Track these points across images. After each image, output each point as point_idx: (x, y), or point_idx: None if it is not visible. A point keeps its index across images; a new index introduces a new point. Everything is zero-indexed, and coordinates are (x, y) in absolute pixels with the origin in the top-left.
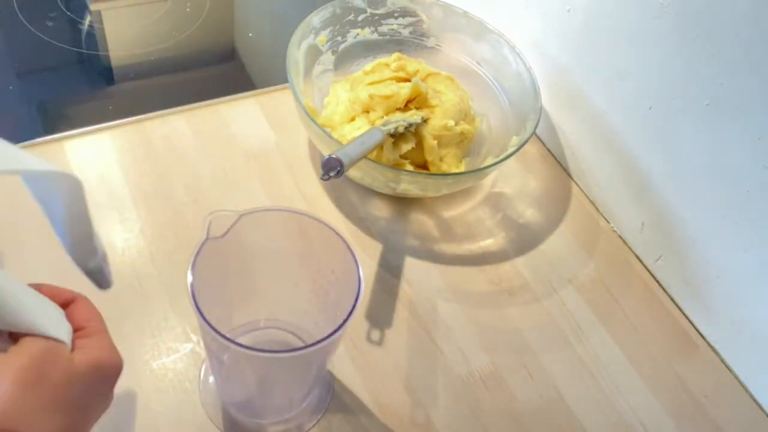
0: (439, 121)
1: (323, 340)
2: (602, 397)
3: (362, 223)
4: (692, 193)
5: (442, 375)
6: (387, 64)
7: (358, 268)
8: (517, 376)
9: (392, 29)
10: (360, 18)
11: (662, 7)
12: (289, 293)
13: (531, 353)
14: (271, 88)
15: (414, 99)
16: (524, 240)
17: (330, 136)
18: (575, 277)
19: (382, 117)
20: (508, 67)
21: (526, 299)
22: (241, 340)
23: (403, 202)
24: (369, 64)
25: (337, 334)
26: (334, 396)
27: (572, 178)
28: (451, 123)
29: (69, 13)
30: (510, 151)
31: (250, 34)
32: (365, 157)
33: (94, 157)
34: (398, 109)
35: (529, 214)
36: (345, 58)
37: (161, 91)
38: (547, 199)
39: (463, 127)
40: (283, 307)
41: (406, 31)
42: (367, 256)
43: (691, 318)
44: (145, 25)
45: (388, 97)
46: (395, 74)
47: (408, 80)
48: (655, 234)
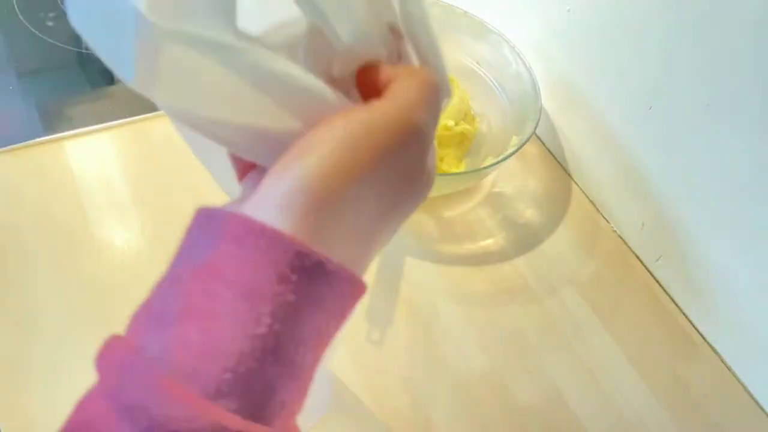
0: (439, 121)
1: None
2: (602, 397)
3: None
4: (692, 193)
5: (442, 375)
6: None
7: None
8: (517, 376)
9: None
10: None
11: (662, 7)
12: None
13: (531, 353)
14: None
15: None
16: (524, 240)
17: None
18: (575, 277)
19: None
20: (508, 67)
21: (526, 299)
22: None
23: None
24: None
25: None
26: (334, 396)
27: (572, 178)
28: (451, 123)
29: None
30: (510, 151)
31: None
32: None
33: (94, 157)
34: None
35: (529, 214)
36: None
37: None
38: (547, 199)
39: (463, 127)
40: None
41: None
42: None
43: (691, 318)
44: None
45: None
46: None
47: None
48: (655, 234)
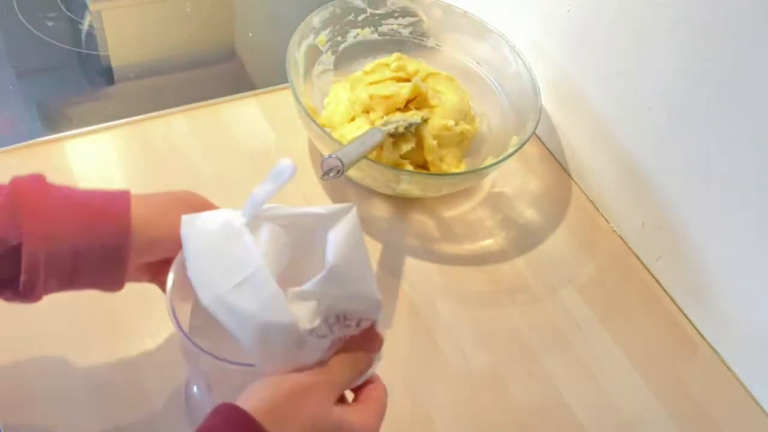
0: (439, 121)
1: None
2: (602, 397)
3: (362, 223)
4: (692, 193)
5: (442, 375)
6: (387, 64)
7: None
8: (517, 376)
9: (392, 29)
10: (360, 18)
11: (662, 7)
12: None
13: (531, 353)
14: (271, 88)
15: (414, 99)
16: (524, 240)
17: (330, 136)
18: (575, 277)
19: (382, 117)
20: (508, 67)
21: (526, 299)
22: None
23: (403, 202)
24: (369, 64)
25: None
26: None
27: (572, 178)
28: (451, 123)
29: (69, 13)
30: (510, 151)
31: (250, 34)
32: (365, 157)
33: (94, 157)
34: (398, 109)
35: (529, 214)
36: (345, 58)
37: (161, 91)
38: (547, 199)
39: (463, 127)
40: None
41: (406, 31)
42: None
43: (691, 318)
44: (145, 25)
45: (388, 97)
46: (395, 74)
47: (408, 80)
48: (655, 234)
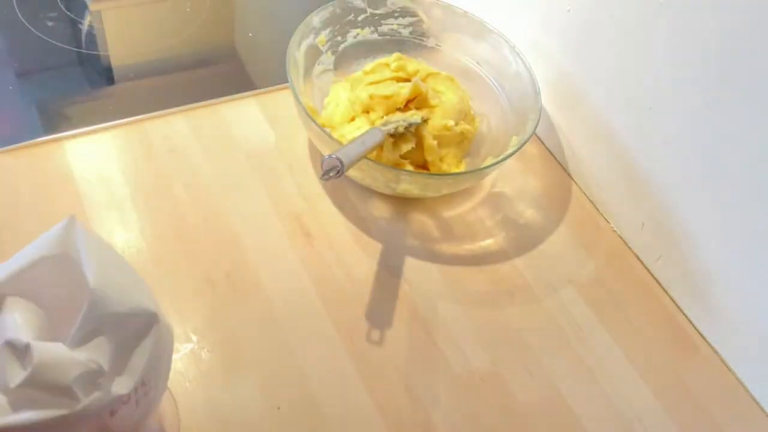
0: (439, 121)
1: None
2: (602, 397)
3: (362, 223)
4: (692, 193)
5: (442, 375)
6: (387, 64)
7: None
8: (517, 376)
9: (392, 29)
10: (360, 18)
11: (662, 7)
12: None
13: (531, 353)
14: (271, 88)
15: (414, 99)
16: (524, 240)
17: (330, 136)
18: (575, 277)
19: (382, 117)
20: (508, 67)
21: (526, 299)
22: None
23: (403, 202)
24: (369, 64)
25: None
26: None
27: (572, 178)
28: (451, 123)
29: (69, 13)
30: (510, 151)
31: (250, 34)
32: (365, 157)
33: (94, 157)
34: (398, 109)
35: (529, 214)
36: (345, 58)
37: (161, 91)
38: (547, 199)
39: (463, 127)
40: None
41: (406, 31)
42: (367, 256)
43: (691, 318)
44: (145, 25)
45: (388, 97)
46: (395, 74)
47: (408, 80)
48: (655, 234)
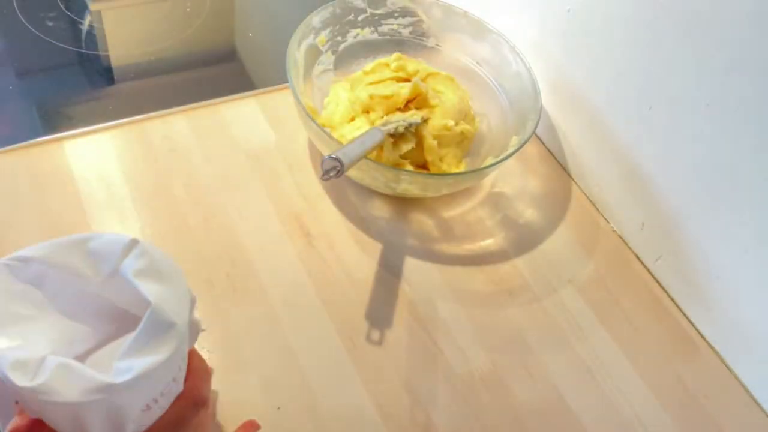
0: (439, 121)
1: None
2: (602, 397)
3: (362, 223)
4: (692, 193)
5: (442, 375)
6: (387, 64)
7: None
8: (517, 376)
9: (392, 29)
10: (360, 18)
11: (662, 7)
12: None
13: (531, 353)
14: (271, 88)
15: (414, 99)
16: (524, 240)
17: (330, 136)
18: (575, 277)
19: (382, 117)
20: (508, 67)
21: (526, 299)
22: None
23: (403, 202)
24: (369, 64)
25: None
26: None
27: (572, 178)
28: (451, 123)
29: (69, 13)
30: (510, 151)
31: (250, 34)
32: (365, 157)
33: (94, 157)
34: (398, 109)
35: (529, 214)
36: (345, 58)
37: (161, 91)
38: (547, 199)
39: (463, 127)
40: None
41: (406, 31)
42: (367, 256)
43: (691, 318)
44: (145, 25)
45: (388, 97)
46: (395, 74)
47: (408, 80)
48: (655, 234)
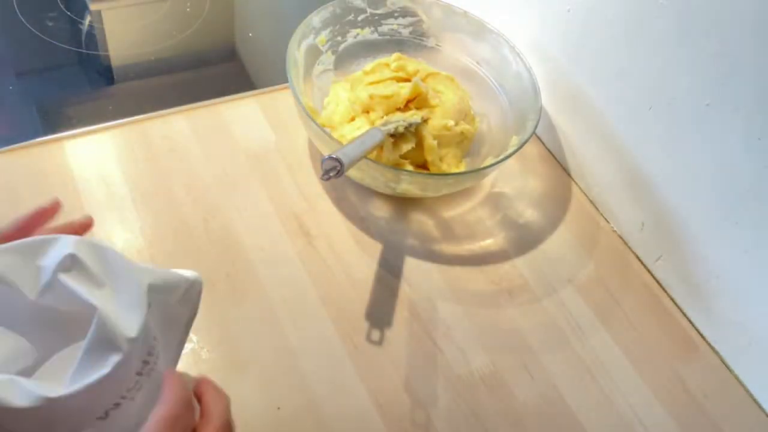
0: (439, 121)
1: None
2: (602, 397)
3: (362, 223)
4: (692, 193)
5: (442, 375)
6: (387, 64)
7: None
8: (517, 376)
9: (392, 29)
10: (360, 18)
11: (662, 7)
12: None
13: (531, 353)
14: (271, 88)
15: (414, 99)
16: (524, 240)
17: (330, 136)
18: (575, 277)
19: (382, 117)
20: (508, 67)
21: (526, 299)
22: None
23: (403, 202)
24: (369, 64)
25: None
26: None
27: (572, 178)
28: (451, 123)
29: (69, 13)
30: (510, 151)
31: (250, 34)
32: (365, 157)
33: (94, 157)
34: (398, 109)
35: (529, 214)
36: (345, 58)
37: (161, 91)
38: (547, 199)
39: (463, 127)
40: None
41: (406, 31)
42: (367, 256)
43: (691, 318)
44: (145, 25)
45: (388, 97)
46: (395, 74)
47: (408, 80)
48: (655, 234)
